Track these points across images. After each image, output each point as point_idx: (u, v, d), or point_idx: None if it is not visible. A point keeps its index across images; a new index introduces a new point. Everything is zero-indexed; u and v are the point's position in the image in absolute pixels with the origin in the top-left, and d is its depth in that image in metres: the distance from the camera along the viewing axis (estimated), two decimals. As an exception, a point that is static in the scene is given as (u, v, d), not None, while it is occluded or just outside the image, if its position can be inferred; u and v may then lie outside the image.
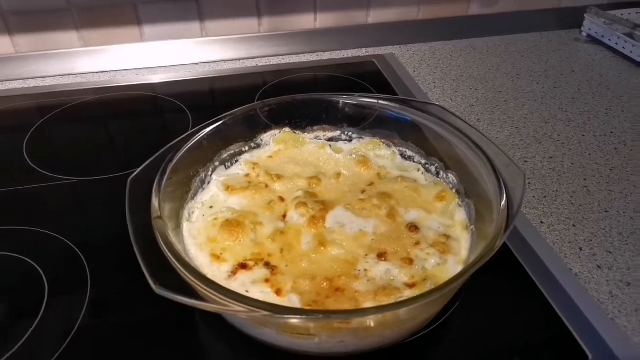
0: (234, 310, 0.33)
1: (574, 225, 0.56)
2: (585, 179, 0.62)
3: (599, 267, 0.51)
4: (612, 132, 0.71)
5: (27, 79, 0.85)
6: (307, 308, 0.39)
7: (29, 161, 0.66)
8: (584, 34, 0.98)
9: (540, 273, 0.49)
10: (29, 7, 0.81)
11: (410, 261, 0.44)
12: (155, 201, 0.42)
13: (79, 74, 0.86)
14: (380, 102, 0.57)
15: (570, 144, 0.69)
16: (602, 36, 0.94)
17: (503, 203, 0.42)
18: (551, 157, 0.66)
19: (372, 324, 0.37)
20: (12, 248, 0.52)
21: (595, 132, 0.71)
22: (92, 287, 0.48)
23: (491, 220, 0.43)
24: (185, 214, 0.49)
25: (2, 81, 0.84)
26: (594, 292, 0.48)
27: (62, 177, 0.63)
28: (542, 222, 0.56)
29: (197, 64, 0.90)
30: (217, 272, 0.43)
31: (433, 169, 0.55)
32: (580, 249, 0.53)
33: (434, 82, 0.84)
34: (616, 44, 0.92)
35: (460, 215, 0.49)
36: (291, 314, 0.34)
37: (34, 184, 0.62)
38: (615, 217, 0.56)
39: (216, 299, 0.35)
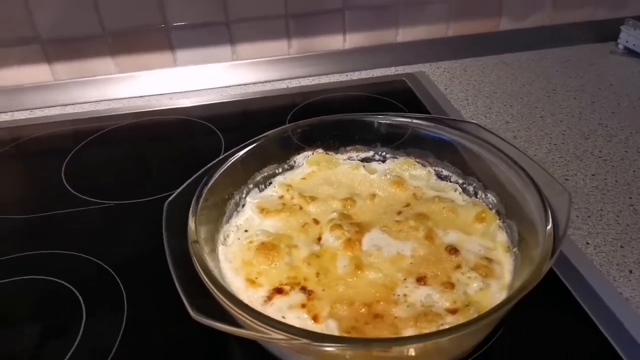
0: (272, 338, 0.33)
1: (621, 247, 0.53)
2: (631, 197, 0.59)
3: (651, 291, 0.48)
4: (656, 148, 0.68)
5: (66, 105, 0.88)
6: (346, 335, 0.38)
7: (66, 185, 0.67)
8: (620, 46, 0.96)
9: (589, 298, 0.47)
10: (66, 35, 0.84)
11: (451, 285, 0.42)
12: (192, 225, 0.42)
13: (115, 99, 0.89)
14: (414, 121, 0.56)
15: (612, 160, 0.66)
16: (641, 48, 0.91)
17: (549, 227, 0.40)
18: (593, 175, 0.64)
19: (413, 353, 0.35)
20: (50, 271, 0.53)
21: (639, 147, 0.68)
22: (128, 309, 0.49)
23: (535, 242, 0.41)
24: (221, 237, 0.48)
25: (42, 108, 0.87)
26: (648, 318, 0.45)
27: (99, 200, 0.64)
28: (587, 244, 0.53)
29: (228, 86, 0.91)
30: (252, 297, 0.43)
31: (471, 188, 0.54)
32: (630, 271, 0.50)
33: (467, 100, 0.83)
34: (656, 55, 0.89)
35: (502, 237, 0.47)
36: (330, 342, 0.33)
37: (71, 208, 0.63)
38: (666, 237, 0.54)
39: (254, 325, 0.34)
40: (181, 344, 0.45)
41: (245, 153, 0.53)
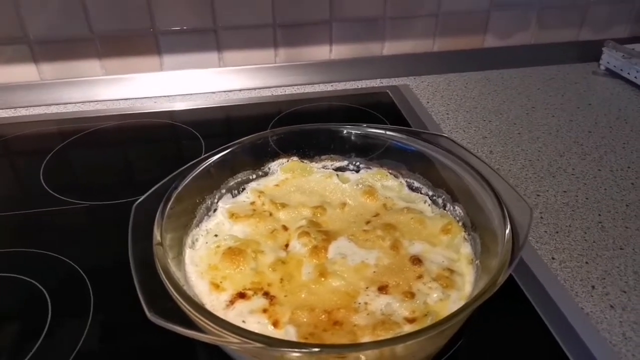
0: (227, 342, 0.33)
1: (586, 263, 0.54)
2: (599, 215, 0.60)
3: (612, 307, 0.49)
4: (629, 167, 0.69)
5: (50, 105, 0.88)
6: (303, 341, 0.38)
7: (44, 184, 0.68)
8: (602, 67, 0.97)
9: (550, 312, 0.48)
10: (54, 37, 0.85)
11: (411, 295, 0.43)
12: (156, 228, 0.43)
13: (99, 100, 0.89)
14: (388, 132, 0.57)
15: (585, 178, 0.67)
16: (621, 69, 0.93)
17: (507, 233, 0.40)
18: (565, 192, 0.65)
19: (368, 360, 0.36)
20: (20, 270, 0.53)
21: (612, 166, 0.70)
22: (94, 312, 0.49)
23: (496, 254, 0.42)
24: (189, 241, 0.49)
25: (27, 107, 0.87)
26: (605, 334, 0.46)
27: (76, 201, 0.64)
28: (553, 258, 0.54)
29: (214, 92, 0.92)
30: (215, 301, 0.43)
31: (440, 201, 0.54)
32: (593, 287, 0.51)
33: (447, 114, 0.84)
34: (635, 77, 0.90)
35: (466, 249, 0.48)
36: (285, 347, 0.34)
37: (47, 207, 0.63)
38: (631, 255, 0.54)
39: (211, 329, 0.34)
40: (142, 350, 0.46)
41: (219, 158, 0.53)
